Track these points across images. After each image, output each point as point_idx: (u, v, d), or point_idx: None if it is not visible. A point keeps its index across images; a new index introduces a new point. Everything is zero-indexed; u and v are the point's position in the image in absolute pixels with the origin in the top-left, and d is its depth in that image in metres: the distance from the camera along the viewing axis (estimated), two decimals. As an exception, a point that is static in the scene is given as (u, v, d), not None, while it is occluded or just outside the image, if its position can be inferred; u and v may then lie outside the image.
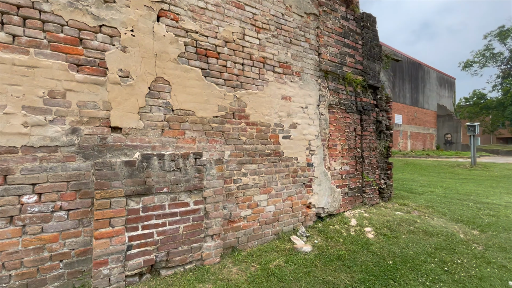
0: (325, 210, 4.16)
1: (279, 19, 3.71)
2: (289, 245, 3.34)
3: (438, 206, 5.36)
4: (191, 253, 2.67)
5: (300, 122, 3.89)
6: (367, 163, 4.94)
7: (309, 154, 4.00)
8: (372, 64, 5.07)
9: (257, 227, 3.35)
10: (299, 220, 3.81)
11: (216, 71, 3.09)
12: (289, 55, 3.81)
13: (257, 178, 3.37)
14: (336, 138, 4.44)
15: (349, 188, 4.60)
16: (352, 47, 4.73)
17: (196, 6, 2.96)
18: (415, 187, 7.82)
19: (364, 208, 4.72)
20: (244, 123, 3.30)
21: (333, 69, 4.37)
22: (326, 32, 4.32)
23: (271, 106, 3.57)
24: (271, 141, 3.55)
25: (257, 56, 3.46)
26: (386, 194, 5.30)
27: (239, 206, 3.20)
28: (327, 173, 4.22)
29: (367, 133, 5.00)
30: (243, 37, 3.34)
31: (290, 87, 3.80)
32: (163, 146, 2.68)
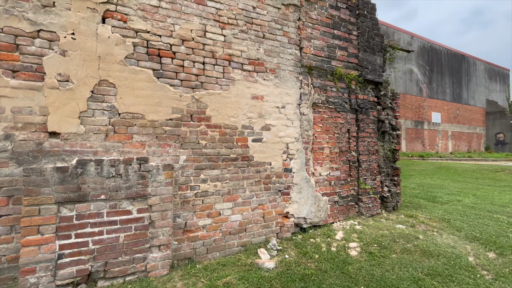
0: (308, 220, 3.75)
1: (249, 13, 3.44)
2: (254, 259, 3.04)
3: (457, 219, 4.56)
4: (133, 264, 2.53)
5: (275, 124, 3.56)
6: (364, 168, 4.39)
7: (286, 158, 3.64)
8: (370, 56, 4.51)
9: (219, 238, 3.10)
10: (272, 231, 3.48)
11: (171, 72, 2.93)
12: (262, 51, 3.51)
13: (219, 185, 3.13)
14: (323, 140, 3.99)
15: (339, 196, 4.11)
16: (344, 38, 4.25)
17: (148, 5, 2.84)
18: (440, 195, 6.85)
19: (359, 220, 4.18)
20: (204, 126, 3.09)
21: (318, 64, 3.95)
22: (310, 23, 3.92)
23: (239, 106, 3.31)
24: (237, 145, 3.29)
25: (221, 53, 3.23)
26: (390, 204, 4.65)
27: (197, 215, 2.99)
28: (310, 180, 3.80)
29: (365, 134, 4.44)
30: (204, 34, 3.14)
31: (263, 86, 3.50)
32: (106, 151, 2.59)
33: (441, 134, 21.67)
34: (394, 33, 18.67)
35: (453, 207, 5.52)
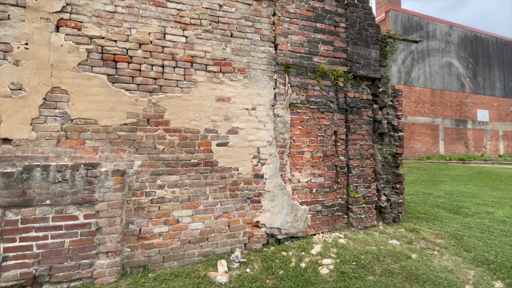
0: (283, 231, 3.45)
1: (215, 11, 3.30)
2: (211, 271, 2.85)
3: (474, 236, 3.85)
4: (78, 269, 2.52)
5: (243, 127, 3.35)
6: (355, 175, 3.93)
7: (257, 163, 3.39)
8: (363, 50, 4.04)
9: (177, 247, 2.98)
10: (240, 242, 3.25)
11: (127, 76, 2.91)
12: (229, 51, 3.33)
13: (177, 191, 3.02)
14: (304, 143, 3.66)
15: (323, 205, 3.72)
16: (329, 32, 3.87)
17: (103, 11, 2.85)
18: (468, 205, 5.94)
19: (348, 232, 3.74)
20: (162, 130, 3.00)
21: (297, 61, 3.64)
22: (287, 18, 3.64)
23: (201, 109, 3.17)
24: (200, 149, 3.14)
25: (183, 55, 3.13)
26: (389, 215, 4.10)
27: (153, 222, 2.91)
28: (285, 187, 3.50)
29: (357, 137, 3.98)
30: (164, 36, 3.07)
31: (230, 87, 3.31)
32: (58, 156, 2.64)
33: (490, 134, 19.07)
34: (428, 23, 17.00)
35: (478, 220, 4.71)
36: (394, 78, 15.78)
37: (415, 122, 16.44)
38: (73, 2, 2.75)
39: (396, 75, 15.87)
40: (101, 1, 2.85)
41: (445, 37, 17.68)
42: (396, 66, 15.91)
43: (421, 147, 16.55)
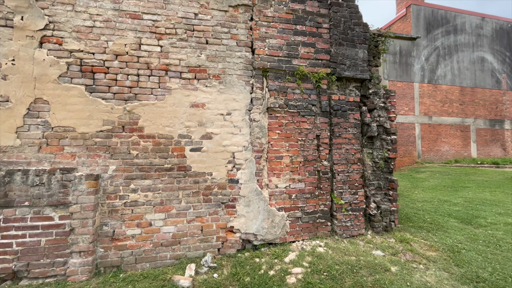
0: (258, 237, 3.40)
1: (190, 20, 3.39)
2: (180, 274, 2.90)
3: (475, 249, 3.49)
4: (53, 267, 2.71)
5: (218, 132, 3.38)
6: (340, 180, 3.76)
7: (232, 168, 3.40)
8: (349, 50, 3.88)
9: (149, 249, 3.08)
10: (213, 246, 3.27)
11: (104, 86, 3.09)
12: (203, 57, 3.39)
13: (150, 195, 3.12)
14: (282, 148, 3.59)
15: (303, 212, 3.61)
16: (310, 33, 3.77)
17: (82, 26, 3.07)
18: (486, 215, 5.39)
19: (330, 240, 3.58)
20: (136, 136, 3.14)
21: (275, 65, 3.60)
22: (265, 22, 3.62)
23: (175, 116, 3.26)
24: (173, 155, 3.23)
25: (157, 64, 3.25)
26: (379, 224, 3.85)
27: (126, 224, 3.03)
28: (262, 192, 3.45)
29: (342, 141, 3.82)
30: (139, 47, 3.22)
31: (204, 93, 3.37)
32: (39, 161, 2.87)
33: (533, 135, 17.06)
34: (455, 17, 15.77)
35: (490, 232, 4.26)
36: (417, 76, 14.83)
37: (442, 123, 15.26)
38: (55, 20, 3.00)
39: (419, 74, 14.90)
40: (80, 17, 3.07)
41: (476, 30, 16.25)
42: (419, 63, 14.94)
43: (449, 149, 15.30)
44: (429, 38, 15.18)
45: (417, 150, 14.73)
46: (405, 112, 14.69)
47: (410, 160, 14.53)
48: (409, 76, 14.80)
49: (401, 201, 6.96)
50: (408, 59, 14.76)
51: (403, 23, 15.65)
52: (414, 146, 14.69)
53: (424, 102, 15.05)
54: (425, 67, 15.10)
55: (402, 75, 14.69)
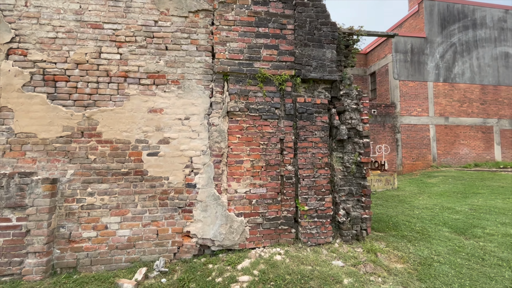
0: (216, 242, 3.36)
1: (150, 27, 3.46)
2: (130, 277, 2.94)
3: (450, 263, 3.20)
4: (9, 266, 2.86)
5: (175, 136, 3.40)
6: (305, 186, 3.62)
7: (190, 173, 3.40)
8: (316, 51, 3.76)
9: (104, 251, 3.14)
10: (168, 250, 3.27)
11: (65, 94, 3.24)
12: (162, 63, 3.45)
13: (107, 199, 3.20)
14: (243, 152, 3.53)
15: (265, 218, 3.51)
16: (273, 35, 3.70)
17: (46, 38, 3.25)
18: (487, 224, 4.96)
19: (292, 248, 3.45)
20: (94, 142, 3.24)
21: (235, 68, 3.57)
22: (226, 26, 3.61)
23: (133, 121, 3.33)
24: (130, 159, 3.29)
25: (117, 71, 3.35)
26: (349, 232, 3.65)
27: (82, 227, 3.13)
28: (220, 197, 3.41)
29: (308, 144, 3.68)
30: (99, 55, 3.34)
31: (163, 98, 3.41)
32: (2, 166, 3.05)
33: None
34: (474, 10, 14.76)
35: (482, 244, 3.91)
36: (431, 75, 13.99)
37: (460, 124, 14.23)
38: (21, 33, 3.20)
39: (433, 72, 14.04)
40: (44, 29, 3.25)
41: (498, 24, 15.05)
42: (433, 61, 14.09)
43: (468, 152, 14.21)
44: (444, 35, 14.33)
45: (432, 153, 13.86)
46: (418, 113, 13.92)
47: (424, 163, 13.71)
48: (422, 75, 14.03)
49: (399, 208, 6.58)
50: (420, 57, 14.02)
51: (416, 19, 14.92)
52: (428, 149, 13.85)
53: (440, 102, 14.17)
54: (440, 65, 14.25)
55: (414, 74, 13.96)
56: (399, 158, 13.62)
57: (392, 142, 13.68)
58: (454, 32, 14.45)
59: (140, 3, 3.47)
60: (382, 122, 13.66)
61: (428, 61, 14.10)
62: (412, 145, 13.73)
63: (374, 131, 13.60)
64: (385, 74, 14.53)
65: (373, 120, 13.59)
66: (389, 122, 13.70)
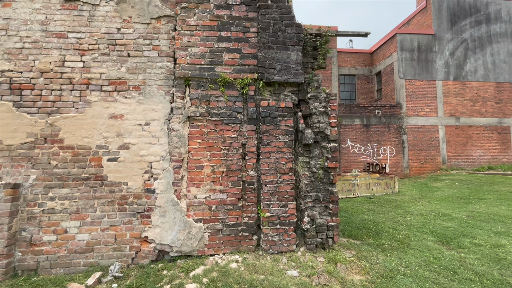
0: (174, 248, 3.35)
1: (112, 35, 3.53)
2: (83, 281, 2.98)
3: (415, 277, 3.02)
4: (-29, 267, 2.99)
5: (135, 142, 3.43)
6: (267, 192, 3.53)
7: (149, 178, 3.41)
8: (280, 53, 3.67)
9: (63, 255, 3.22)
10: (126, 255, 3.30)
11: (30, 101, 3.36)
12: (124, 70, 3.50)
13: (67, 203, 3.28)
14: (204, 158, 3.51)
15: (224, 224, 3.46)
16: (236, 39, 3.66)
17: (13, 48, 3.39)
18: (479, 233, 4.65)
19: (251, 256, 3.37)
20: (56, 147, 3.34)
21: (197, 73, 3.56)
22: (187, 31, 3.61)
23: (94, 127, 3.40)
24: (91, 164, 3.36)
25: (79, 79, 3.44)
26: (313, 240, 3.51)
27: (43, 230, 3.22)
28: (178, 203, 3.40)
29: (271, 149, 3.60)
30: (63, 64, 3.44)
31: (124, 104, 3.46)
32: (-30, 171, 3.21)
33: None
34: (488, 4, 13.95)
35: (462, 255, 3.66)
36: (440, 73, 13.31)
37: (472, 124, 13.42)
38: (-10, 44, 3.37)
39: (442, 70, 13.36)
40: (12, 40, 3.40)
41: (515, 17, 14.10)
42: (442, 59, 13.41)
43: (482, 154, 13.36)
44: (454, 31, 13.64)
45: (442, 155, 13.19)
46: (425, 114, 13.31)
47: (433, 166, 13.07)
48: (430, 74, 13.42)
49: (391, 214, 6.29)
50: (428, 55, 13.42)
51: (423, 16, 14.32)
52: (437, 151, 13.19)
53: (450, 101, 13.48)
54: (450, 62, 13.57)
55: (422, 73, 13.38)
56: (405, 160, 13.06)
57: (397, 144, 13.16)
58: (465, 28, 13.72)
59: (103, 11, 3.55)
60: (386, 123, 13.18)
61: (436, 59, 13.47)
62: (419, 147, 13.14)
63: (378, 132, 13.15)
64: (391, 73, 14.02)
65: (377, 121, 13.14)
66: (394, 123, 13.19)
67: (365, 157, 13.02)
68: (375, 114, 13.17)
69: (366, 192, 9.02)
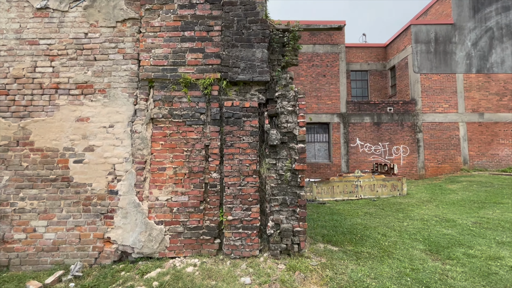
0: (135, 250, 3.36)
1: (80, 40, 3.62)
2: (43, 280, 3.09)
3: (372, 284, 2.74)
4: (-51, 262, 3.22)
5: (100, 144, 3.49)
6: (230, 194, 3.43)
7: (113, 180, 3.46)
8: (244, 51, 3.55)
9: (32, 253, 3.36)
10: (89, 255, 3.36)
11: (4, 106, 3.54)
12: (90, 74, 3.57)
13: (36, 203, 3.41)
14: (166, 159, 3.49)
15: (186, 227, 3.41)
16: (199, 39, 3.59)
17: (-9, 56, 3.60)
18: (478, 243, 4.21)
19: (211, 260, 3.29)
20: (27, 150, 3.49)
21: (160, 74, 3.54)
22: (151, 33, 3.61)
23: (62, 130, 3.51)
24: (58, 166, 3.47)
25: (49, 83, 3.57)
26: (277, 245, 3.35)
27: (14, 229, 3.38)
28: (140, 204, 3.41)
29: (235, 151, 3.49)
30: (34, 69, 3.59)
31: (89, 107, 3.54)
32: (-48, 172, 3.46)
33: None
34: (516, -12, 12.59)
35: (448, 267, 3.36)
36: (460, 66, 12.25)
37: (499, 121, 12.21)
38: (-29, 54, 3.59)
39: (463, 62, 12.29)
40: (-10, 49, 3.61)
41: (550, 1, 12.58)
42: (463, 50, 12.33)
43: (510, 154, 12.12)
44: (477, 19, 12.50)
45: (463, 154, 12.17)
46: (444, 110, 12.35)
47: (452, 167, 12.10)
48: (449, 67, 12.43)
49: (388, 218, 5.89)
50: (447, 47, 12.44)
51: (442, 4, 13.29)
52: (457, 150, 12.20)
53: (472, 96, 12.39)
54: (472, 54, 12.47)
55: (439, 66, 12.43)
56: (421, 160, 12.22)
57: (412, 142, 12.35)
58: (491, 15, 12.52)
59: (72, 17, 3.65)
60: (400, 121, 12.41)
61: (456, 51, 12.44)
62: (437, 146, 12.23)
63: (391, 131, 12.43)
64: (405, 67, 13.18)
65: (389, 119, 12.42)
66: (408, 121, 12.39)
67: (376, 156, 12.38)
68: (387, 111, 12.46)
69: (370, 194, 8.56)
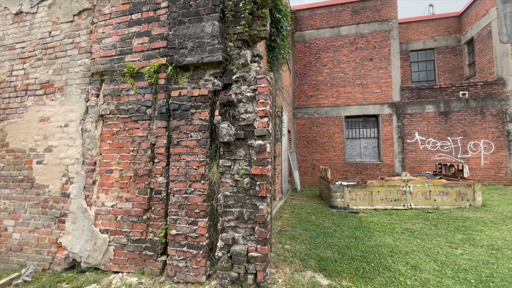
0: (82, 259, 3.09)
1: (45, 39, 3.58)
2: (2, 280, 3.09)
3: None
4: None
5: (56, 144, 3.36)
6: (175, 203, 2.81)
7: (66, 182, 3.27)
8: (192, 27, 2.88)
9: (4, 251, 3.44)
10: (45, 259, 3.25)
11: (-10, 110, 3.78)
12: (51, 72, 3.49)
13: (7, 203, 3.49)
14: (113, 161, 3.11)
15: (129, 238, 2.95)
16: (146, 20, 3.09)
17: (-18, 65, 3.90)
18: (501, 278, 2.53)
19: (152, 281, 2.75)
20: (4, 151, 3.62)
21: (108, 66, 3.19)
22: (102, 22, 3.29)
23: (28, 131, 3.52)
24: (25, 167, 3.48)
25: (21, 85, 3.63)
26: (227, 273, 2.56)
27: (-9, 226, 3.54)
28: (87, 209, 3.11)
29: (182, 150, 2.86)
30: (11, 73, 3.71)
31: (50, 107, 3.45)
32: (-44, 171, 3.86)
33: None
34: None
35: None
36: None
37: None
38: (-29, 64, 3.96)
39: None
40: (-18, 58, 3.90)
41: None
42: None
43: None
44: None
45: None
46: (551, 90, 8.87)
47: None
48: (560, 29, 8.87)
49: (436, 240, 4.31)
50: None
51: None
52: None
53: None
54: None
55: (543, 30, 8.98)
56: (513, 160, 9.09)
57: (498, 136, 9.30)
58: None
59: (39, 17, 3.64)
60: (479, 109, 9.51)
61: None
62: (539, 140, 8.88)
63: (465, 122, 9.64)
64: (487, 38, 10.06)
65: (462, 106, 9.65)
66: (491, 108, 9.38)
67: (443, 155, 9.80)
68: (459, 96, 9.71)
69: (424, 203, 6.65)
